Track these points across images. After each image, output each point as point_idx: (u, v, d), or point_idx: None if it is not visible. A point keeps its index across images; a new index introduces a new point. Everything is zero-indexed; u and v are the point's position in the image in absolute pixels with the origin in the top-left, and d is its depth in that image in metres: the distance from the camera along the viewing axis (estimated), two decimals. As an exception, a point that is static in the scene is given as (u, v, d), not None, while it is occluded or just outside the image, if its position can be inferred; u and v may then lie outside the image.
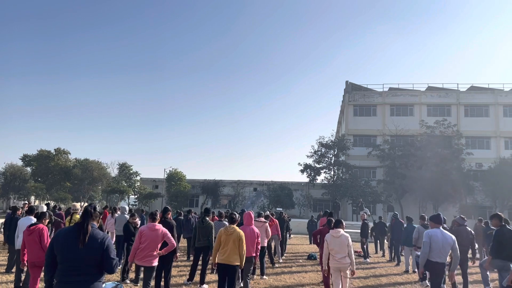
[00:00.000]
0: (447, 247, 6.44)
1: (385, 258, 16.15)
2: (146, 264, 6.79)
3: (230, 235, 6.71)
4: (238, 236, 6.70)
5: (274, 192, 42.25)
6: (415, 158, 37.76)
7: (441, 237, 6.49)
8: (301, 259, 15.11)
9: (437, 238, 6.47)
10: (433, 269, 6.52)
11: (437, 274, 6.52)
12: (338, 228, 7.39)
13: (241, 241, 6.70)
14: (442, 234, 6.53)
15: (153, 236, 6.82)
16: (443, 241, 6.44)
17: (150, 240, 6.80)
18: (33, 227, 6.84)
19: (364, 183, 39.70)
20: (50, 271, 3.66)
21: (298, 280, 10.65)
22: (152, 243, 6.80)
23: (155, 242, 6.80)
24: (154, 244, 6.81)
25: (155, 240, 6.81)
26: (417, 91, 45.55)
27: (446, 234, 6.58)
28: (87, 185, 49.08)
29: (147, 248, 6.79)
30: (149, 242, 6.79)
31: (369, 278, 11.50)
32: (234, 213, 7.30)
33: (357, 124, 45.22)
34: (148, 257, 6.78)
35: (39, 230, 6.79)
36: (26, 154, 52.54)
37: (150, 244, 6.78)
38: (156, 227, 6.92)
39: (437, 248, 6.43)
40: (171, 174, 46.64)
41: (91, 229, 3.63)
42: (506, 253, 7.45)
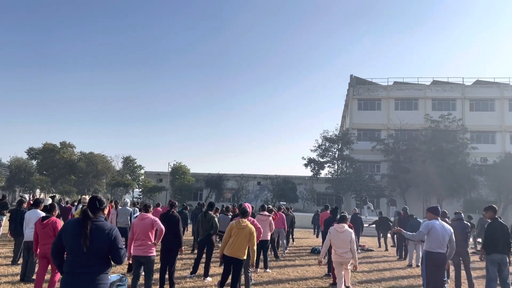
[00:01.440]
0: (446, 237, 6.60)
1: (388, 252, 16.17)
2: (141, 253, 6.83)
3: (241, 229, 6.69)
4: (250, 231, 6.69)
5: (278, 186, 42.30)
6: (419, 153, 37.62)
7: (440, 228, 6.62)
8: (305, 252, 15.16)
9: (436, 229, 6.59)
10: (436, 261, 6.57)
11: (439, 266, 6.58)
12: (342, 223, 7.42)
13: (252, 236, 6.69)
14: (441, 225, 6.67)
15: (142, 225, 6.91)
16: (443, 232, 6.59)
17: (140, 229, 6.89)
18: (47, 220, 6.89)
19: (368, 177, 39.65)
20: (57, 258, 3.75)
21: (302, 274, 10.70)
22: (142, 231, 6.87)
23: (145, 230, 6.88)
24: (144, 233, 6.87)
25: (144, 228, 6.89)
26: (422, 85, 45.29)
27: (445, 225, 6.75)
28: (91, 178, 49.38)
29: (139, 238, 6.87)
30: (139, 231, 6.88)
31: (373, 272, 11.54)
32: (246, 208, 7.26)
33: (362, 118, 45.07)
34: (142, 246, 6.83)
35: (52, 222, 6.85)
36: (32, 147, 52.84)
37: (141, 233, 6.86)
38: (145, 216, 7.03)
39: (437, 239, 6.55)
40: (175, 167, 46.80)
41: (97, 221, 3.66)
42: (500, 247, 7.46)
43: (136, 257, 6.88)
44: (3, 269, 9.55)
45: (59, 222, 6.99)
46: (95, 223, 3.64)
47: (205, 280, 9.10)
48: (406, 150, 39.10)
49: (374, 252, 16.36)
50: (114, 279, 7.17)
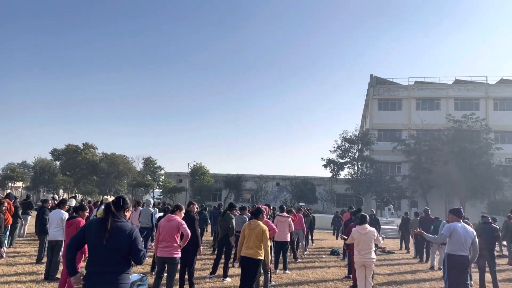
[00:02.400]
0: (468, 240, 6.47)
1: (410, 255, 15.91)
2: (166, 255, 6.86)
3: (253, 230, 6.74)
4: (261, 231, 6.71)
5: (297, 187, 42.16)
6: (441, 153, 36.94)
7: (462, 230, 6.50)
8: (324, 254, 15.05)
9: (458, 232, 6.47)
10: (458, 264, 6.44)
11: (462, 269, 6.45)
12: (364, 224, 7.36)
13: (264, 235, 6.70)
14: (463, 228, 6.56)
15: (168, 227, 6.91)
16: (465, 234, 6.46)
17: (165, 231, 6.90)
18: (72, 220, 7.02)
19: (389, 178, 39.11)
20: (70, 253, 3.71)
21: (321, 275, 10.62)
22: (168, 233, 6.87)
23: (171, 232, 6.87)
24: (170, 235, 6.87)
25: (170, 230, 6.88)
26: (444, 85, 44.47)
27: (467, 227, 6.62)
28: (113, 179, 50.17)
29: (164, 239, 6.88)
30: (164, 233, 6.89)
31: (394, 274, 11.37)
32: (261, 208, 7.29)
33: (382, 119, 44.52)
34: (167, 247, 6.85)
35: (76, 222, 6.97)
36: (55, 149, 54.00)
37: (166, 235, 6.87)
38: (171, 218, 7.00)
39: (459, 241, 6.44)
40: (195, 168, 47.14)
41: (118, 222, 3.70)
42: None
43: (161, 258, 6.93)
44: (28, 267, 9.78)
45: (83, 223, 7.11)
46: (117, 222, 3.68)
47: (224, 281, 9.12)
48: (428, 150, 38.47)
49: (395, 254, 16.12)
50: (135, 279, 7.23)
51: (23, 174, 51.05)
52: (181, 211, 7.31)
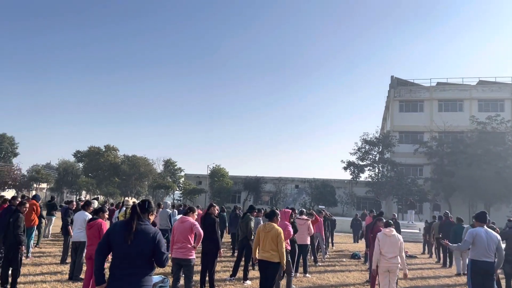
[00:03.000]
0: (492, 245, 6.36)
1: (433, 259, 15.64)
2: (181, 256, 6.90)
3: (268, 232, 6.73)
4: (276, 233, 6.69)
5: (316, 189, 41.92)
6: (465, 156, 36.18)
7: (485, 235, 6.40)
8: (345, 258, 14.92)
9: (481, 237, 6.39)
10: (481, 270, 6.34)
11: (486, 275, 6.33)
12: (390, 227, 7.26)
13: (279, 238, 6.69)
14: (487, 233, 6.45)
15: (182, 228, 6.95)
16: (488, 239, 6.36)
17: (179, 232, 6.95)
18: (93, 222, 7.17)
19: (410, 181, 38.47)
20: (100, 258, 3.83)
21: (342, 280, 10.53)
22: (181, 235, 6.92)
23: (184, 233, 6.91)
24: (184, 236, 6.91)
25: (183, 231, 6.92)
26: (467, 86, 43.56)
27: (491, 232, 6.50)
28: (134, 181, 50.87)
29: (178, 241, 6.93)
30: (178, 234, 6.94)
31: (416, 279, 11.19)
32: (274, 211, 7.30)
33: (403, 120, 43.89)
34: (182, 249, 6.90)
35: (98, 224, 7.12)
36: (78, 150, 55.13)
37: (180, 236, 6.92)
38: (185, 219, 7.05)
39: (482, 246, 6.35)
40: (214, 170, 47.39)
41: (143, 225, 3.76)
42: None
43: (176, 260, 7.00)
44: (53, 267, 10.01)
45: (104, 224, 7.24)
46: (141, 225, 3.74)
47: (245, 284, 9.14)
48: (451, 153, 37.73)
49: (418, 258, 15.87)
50: (157, 280, 7.30)
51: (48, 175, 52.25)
52: (194, 213, 7.39)
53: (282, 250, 6.66)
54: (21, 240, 7.48)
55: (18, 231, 7.42)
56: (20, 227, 7.47)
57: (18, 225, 7.46)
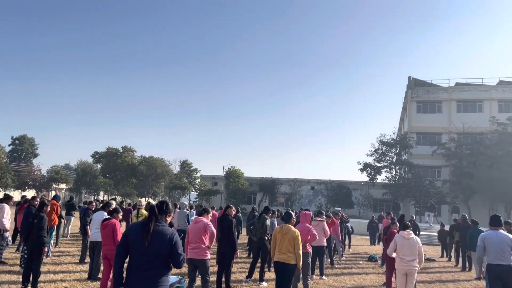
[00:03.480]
0: (505, 247, 6.29)
1: (451, 263, 15.38)
2: (196, 256, 6.93)
3: (285, 234, 6.72)
4: (294, 235, 6.67)
5: (332, 191, 41.64)
6: (484, 157, 35.47)
7: (495, 238, 6.39)
8: (362, 260, 14.79)
9: (491, 240, 6.39)
10: (496, 273, 6.28)
11: (503, 278, 6.23)
12: (407, 229, 7.18)
13: (297, 240, 6.66)
14: (497, 235, 6.42)
15: (196, 229, 6.98)
16: (500, 242, 6.32)
17: (193, 233, 6.98)
18: (107, 222, 7.28)
19: (428, 183, 37.89)
20: (119, 260, 3.86)
21: (359, 282, 10.44)
22: (196, 235, 6.94)
23: (199, 234, 6.94)
24: (198, 236, 6.94)
25: (198, 232, 6.95)
26: (487, 86, 42.70)
27: (502, 234, 6.46)
28: (151, 182, 51.31)
29: (193, 241, 6.96)
30: (193, 235, 6.97)
31: (434, 282, 11.02)
32: (289, 212, 7.29)
33: (421, 121, 43.26)
34: (197, 249, 6.92)
35: (112, 225, 7.22)
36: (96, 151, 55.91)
37: (195, 237, 6.95)
38: (198, 220, 7.08)
39: (492, 250, 6.33)
40: (230, 171, 47.51)
41: (160, 226, 3.79)
42: None
43: (191, 260, 7.03)
44: (72, 267, 10.18)
45: (118, 224, 7.33)
46: (158, 226, 3.77)
47: (261, 285, 9.13)
48: (470, 154, 37.04)
49: (436, 262, 15.62)
50: (173, 281, 7.37)
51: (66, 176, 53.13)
52: (208, 214, 7.42)
53: (298, 252, 6.65)
54: (45, 241, 7.63)
55: (42, 233, 7.57)
56: (44, 228, 7.62)
57: (42, 226, 7.61)
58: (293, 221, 7.09)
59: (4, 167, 44.24)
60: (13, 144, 70.11)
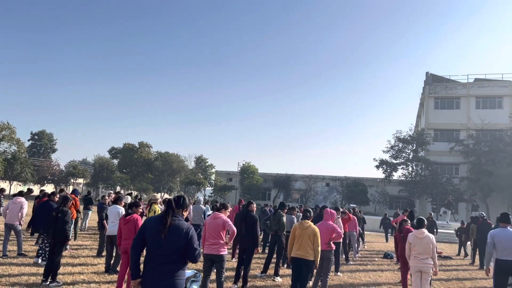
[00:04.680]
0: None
1: (468, 261, 15.17)
2: (214, 252, 6.95)
3: (305, 230, 6.74)
4: (313, 232, 6.70)
5: (348, 187, 41.38)
6: (504, 154, 34.79)
7: (504, 235, 6.67)
8: (377, 257, 14.69)
9: (500, 237, 6.67)
10: (503, 268, 6.62)
11: (505, 273, 6.61)
12: (421, 228, 7.10)
13: (316, 237, 6.69)
14: (506, 233, 6.70)
15: (214, 225, 6.98)
16: (507, 239, 6.60)
17: (211, 229, 6.98)
18: (129, 217, 7.35)
19: (446, 180, 37.34)
20: (136, 253, 3.91)
21: (374, 279, 10.38)
22: (214, 231, 6.95)
23: (216, 230, 6.93)
24: (216, 232, 6.95)
25: (216, 228, 6.94)
26: (507, 82, 41.79)
27: (510, 231, 6.73)
28: (167, 177, 51.75)
29: (211, 237, 6.97)
30: (211, 231, 6.99)
31: (451, 280, 10.89)
32: (308, 209, 7.34)
33: (438, 118, 42.62)
34: (214, 245, 6.95)
35: (134, 220, 7.29)
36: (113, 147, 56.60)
37: (213, 232, 6.96)
38: (217, 216, 7.07)
39: (501, 246, 6.61)
40: (244, 167, 47.60)
41: (176, 220, 3.82)
42: None
43: (208, 256, 7.05)
44: (90, 260, 10.35)
45: (140, 220, 7.40)
46: (175, 220, 3.80)
47: (276, 280, 9.16)
48: (489, 151, 36.36)
49: (453, 260, 15.43)
50: (189, 275, 7.41)
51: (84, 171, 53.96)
52: (227, 209, 7.41)
53: (317, 249, 6.67)
54: (68, 235, 7.80)
55: (66, 227, 7.73)
56: (68, 222, 7.79)
57: (66, 220, 7.76)
58: (311, 217, 7.15)
59: (23, 161, 45.17)
60: (32, 139, 71.42)
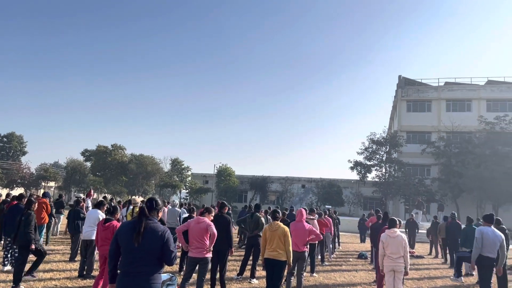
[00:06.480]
0: (496, 243, 7.30)
1: (439, 260, 15.57)
2: (199, 255, 6.95)
3: (274, 231, 6.83)
4: (283, 232, 6.81)
5: (323, 189, 41.83)
6: (473, 156, 35.91)
7: (492, 234, 7.34)
8: (352, 258, 14.91)
9: (488, 235, 7.31)
10: (484, 263, 7.27)
11: (487, 268, 7.29)
12: (393, 227, 7.26)
13: (286, 236, 6.79)
14: (493, 232, 7.38)
15: (198, 229, 6.98)
16: (494, 238, 7.29)
17: (195, 233, 6.97)
18: (108, 223, 7.21)
19: (418, 181, 38.26)
20: (113, 259, 3.88)
21: (349, 279, 10.53)
22: (198, 235, 6.94)
23: (200, 234, 6.94)
24: (200, 236, 6.95)
25: (199, 232, 6.95)
26: (476, 86, 43.21)
27: (496, 232, 7.42)
28: (141, 180, 51.02)
29: (195, 240, 6.96)
30: (194, 235, 6.97)
31: (423, 279, 11.16)
32: (277, 210, 7.39)
33: (411, 120, 43.65)
34: (200, 248, 6.94)
35: (113, 226, 7.15)
36: (87, 149, 55.38)
37: (196, 237, 6.95)
38: (201, 220, 7.07)
39: (488, 244, 7.27)
40: (221, 169, 47.44)
41: (151, 223, 3.79)
42: None
43: (193, 259, 7.02)
44: (62, 265, 10.11)
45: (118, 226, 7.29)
46: (150, 224, 3.77)
47: (251, 282, 9.18)
48: (459, 153, 37.48)
49: (425, 259, 15.81)
50: (165, 278, 7.37)
51: (56, 174, 52.60)
52: (210, 213, 7.40)
53: (289, 248, 6.74)
54: (31, 238, 7.53)
55: (28, 229, 7.48)
56: (31, 225, 7.53)
57: (29, 223, 7.52)
58: (280, 218, 7.23)
59: (-8, 164, 43.66)
60: (1, 141, 69.15)
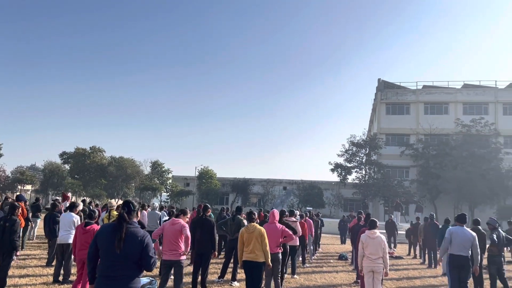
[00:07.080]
0: (467, 242, 7.41)
1: (418, 260, 15.83)
2: (173, 258, 6.89)
3: (251, 233, 6.85)
4: (260, 233, 6.83)
5: (304, 191, 42.08)
6: (450, 158, 36.72)
7: (461, 233, 7.51)
8: (332, 259, 15.02)
9: (458, 234, 7.50)
10: (457, 262, 7.42)
11: (462, 267, 7.42)
12: (373, 228, 7.35)
13: (263, 237, 6.81)
14: (463, 231, 7.55)
15: (172, 230, 6.93)
16: (463, 237, 7.44)
17: (169, 235, 6.92)
18: (89, 227, 7.07)
19: (397, 183, 38.91)
20: (92, 262, 3.84)
21: (329, 281, 10.61)
22: (172, 237, 6.89)
23: (174, 236, 6.89)
24: (174, 238, 6.89)
25: (174, 234, 6.90)
26: (453, 89, 44.23)
27: (466, 231, 7.57)
28: (121, 183, 50.32)
29: (169, 243, 6.91)
30: (169, 236, 6.92)
31: (402, 280, 11.33)
32: (253, 211, 7.39)
33: (390, 123, 44.37)
34: (173, 250, 6.89)
35: (93, 231, 7.02)
36: (65, 152, 54.28)
37: (170, 238, 6.90)
38: (175, 222, 7.02)
39: (456, 243, 7.45)
40: (202, 172, 47.19)
41: (131, 227, 3.75)
42: None
43: (166, 262, 6.97)
44: (38, 270, 9.88)
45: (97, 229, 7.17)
46: (130, 228, 3.73)
47: (233, 285, 9.15)
48: (436, 155, 38.27)
49: (404, 259, 16.05)
50: (144, 282, 7.29)
51: (32, 177, 51.35)
52: (186, 215, 7.36)
53: (266, 249, 6.76)
54: (17, 245, 7.38)
55: (14, 236, 7.32)
56: (17, 232, 7.38)
57: (15, 230, 7.35)
58: (256, 220, 7.27)
59: (-35, 167, 42.39)
60: (-25, 144, 67.19)
